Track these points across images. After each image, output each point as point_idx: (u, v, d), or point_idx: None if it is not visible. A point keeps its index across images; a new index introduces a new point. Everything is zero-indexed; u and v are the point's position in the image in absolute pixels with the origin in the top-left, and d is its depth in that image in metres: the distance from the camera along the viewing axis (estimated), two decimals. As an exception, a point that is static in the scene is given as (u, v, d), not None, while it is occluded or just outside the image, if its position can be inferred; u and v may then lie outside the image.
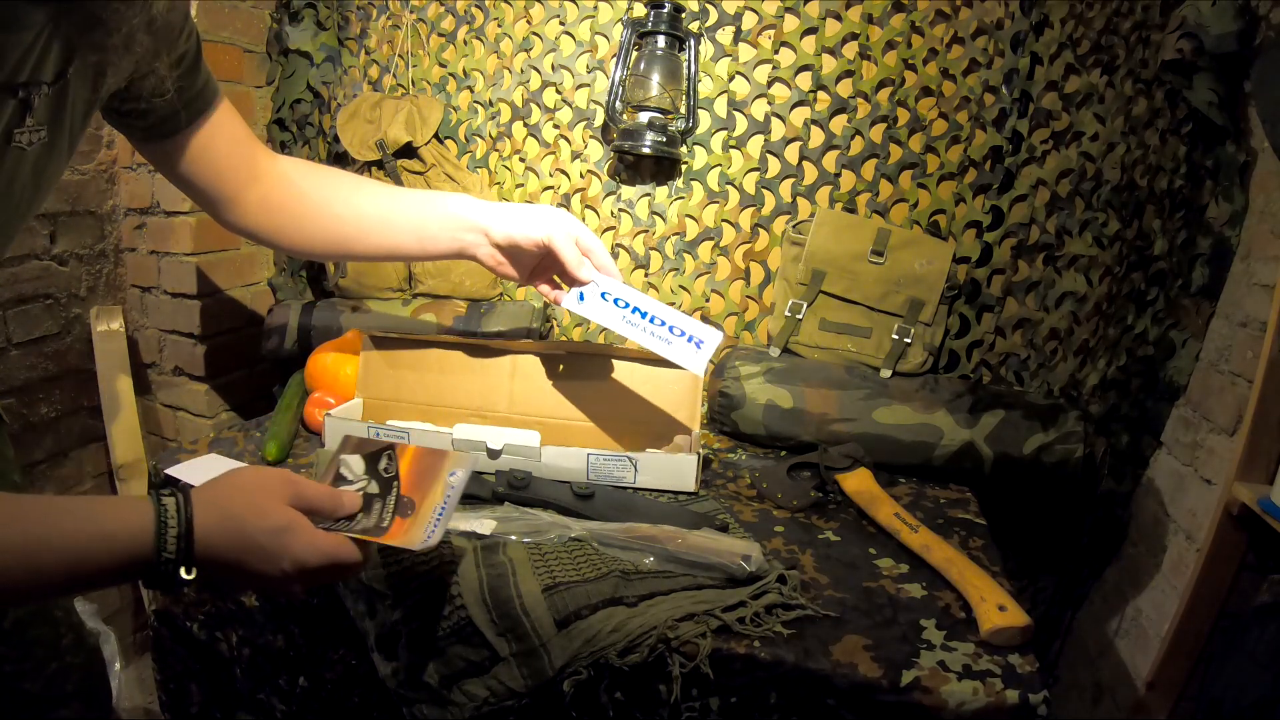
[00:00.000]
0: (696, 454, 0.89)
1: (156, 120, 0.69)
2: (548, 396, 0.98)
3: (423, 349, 1.00)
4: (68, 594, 0.51)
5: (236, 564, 0.53)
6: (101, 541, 0.49)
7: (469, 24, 1.26)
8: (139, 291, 1.35)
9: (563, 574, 0.69)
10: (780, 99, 1.16)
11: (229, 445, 0.97)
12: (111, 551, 0.50)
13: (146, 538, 0.50)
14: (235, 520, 0.53)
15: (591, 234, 0.83)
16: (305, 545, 0.54)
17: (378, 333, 1.02)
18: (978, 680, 0.60)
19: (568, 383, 0.98)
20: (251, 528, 0.53)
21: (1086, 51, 1.05)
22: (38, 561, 0.47)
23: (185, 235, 1.27)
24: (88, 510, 0.51)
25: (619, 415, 0.97)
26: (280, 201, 0.79)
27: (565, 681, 0.64)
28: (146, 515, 0.50)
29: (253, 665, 0.83)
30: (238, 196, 0.77)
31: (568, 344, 1.07)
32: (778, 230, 1.20)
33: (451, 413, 0.98)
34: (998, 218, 1.12)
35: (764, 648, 0.63)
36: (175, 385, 1.37)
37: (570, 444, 0.90)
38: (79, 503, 0.54)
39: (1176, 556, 0.99)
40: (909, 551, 0.79)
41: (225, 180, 0.76)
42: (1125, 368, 1.07)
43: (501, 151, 1.30)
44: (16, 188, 0.57)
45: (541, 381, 0.98)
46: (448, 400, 0.99)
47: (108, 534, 0.50)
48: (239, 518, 0.53)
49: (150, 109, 0.67)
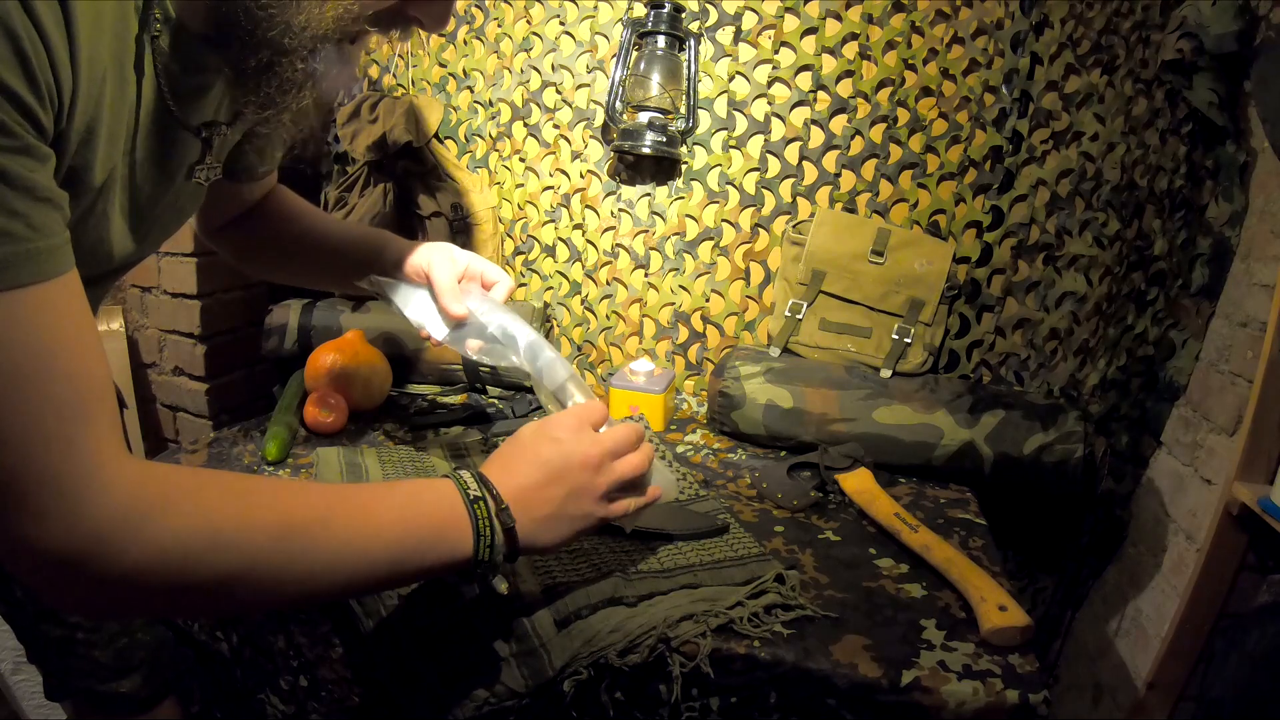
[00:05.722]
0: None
1: (235, 169, 0.72)
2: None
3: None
4: (393, 584, 0.55)
5: (554, 496, 0.57)
6: (420, 518, 0.52)
7: (469, 24, 1.26)
8: (139, 291, 1.35)
9: (562, 574, 0.69)
10: (780, 99, 1.16)
11: (229, 445, 0.97)
12: (437, 540, 0.53)
13: (459, 509, 0.53)
14: (524, 460, 0.57)
15: (487, 265, 0.78)
16: (590, 438, 0.59)
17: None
18: (978, 680, 0.60)
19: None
20: (534, 455, 0.58)
21: (1086, 51, 1.05)
22: (366, 546, 0.50)
23: (185, 235, 1.27)
24: (402, 492, 0.54)
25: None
26: (256, 233, 0.82)
27: (565, 681, 0.64)
28: (449, 486, 0.55)
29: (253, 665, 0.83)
30: (229, 220, 0.81)
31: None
32: (778, 230, 1.20)
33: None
34: (998, 218, 1.12)
35: (764, 648, 0.63)
36: (175, 385, 1.37)
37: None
38: (388, 487, 0.56)
39: (1176, 556, 0.99)
40: (909, 551, 0.79)
41: (236, 208, 0.80)
42: (1125, 368, 1.07)
43: (501, 151, 1.30)
44: (173, 212, 0.59)
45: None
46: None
47: (424, 511, 0.53)
48: (526, 459, 0.57)
49: (240, 159, 0.70)
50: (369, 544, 0.50)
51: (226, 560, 0.44)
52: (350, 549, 0.49)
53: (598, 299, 1.30)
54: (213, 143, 0.57)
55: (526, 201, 1.30)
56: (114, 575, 0.41)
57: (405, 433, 1.05)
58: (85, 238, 0.49)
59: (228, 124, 0.57)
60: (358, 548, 0.49)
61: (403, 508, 0.52)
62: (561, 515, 0.57)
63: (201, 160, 0.57)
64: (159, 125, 0.51)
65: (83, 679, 0.81)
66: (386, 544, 0.50)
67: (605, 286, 1.29)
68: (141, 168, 0.51)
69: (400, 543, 0.51)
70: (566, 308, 1.32)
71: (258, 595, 0.46)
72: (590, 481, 0.58)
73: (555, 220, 1.29)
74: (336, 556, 0.49)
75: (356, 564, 0.49)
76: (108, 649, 0.80)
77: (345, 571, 0.49)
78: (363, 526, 0.50)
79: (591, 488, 0.58)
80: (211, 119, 0.55)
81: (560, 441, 0.58)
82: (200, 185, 0.58)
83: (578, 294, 1.31)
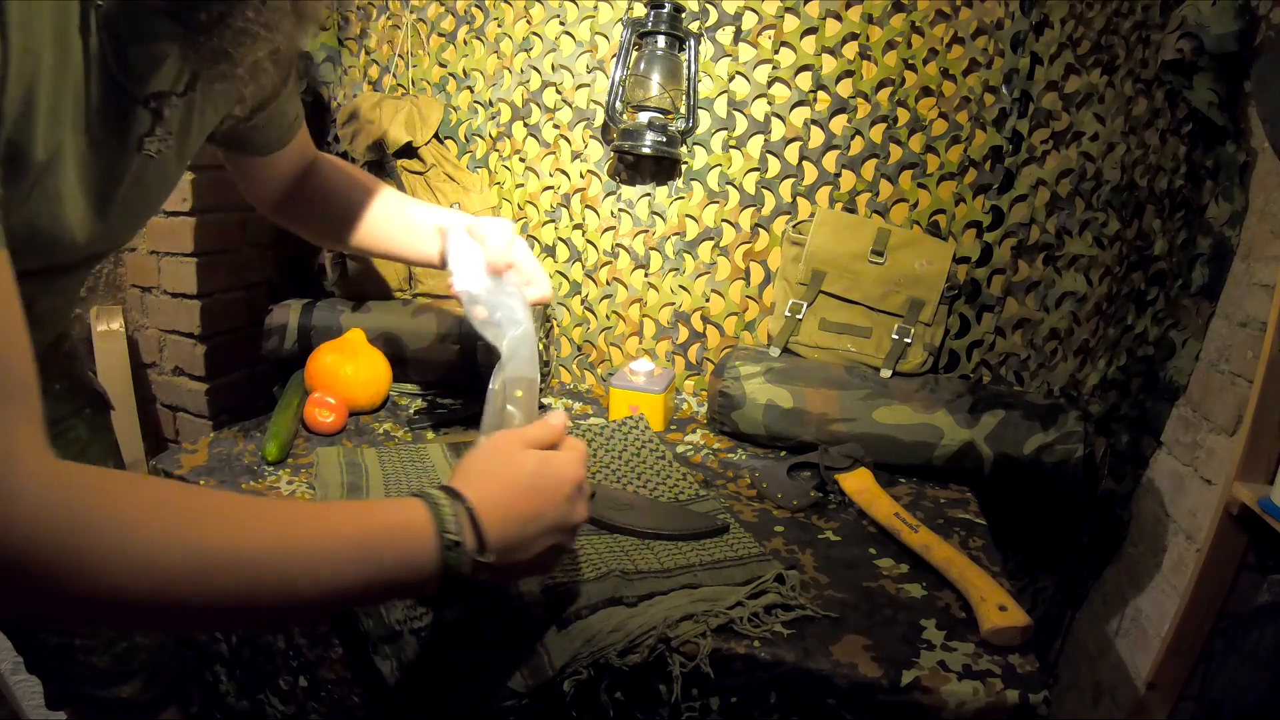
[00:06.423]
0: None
1: (257, 144, 0.76)
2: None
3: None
4: (360, 602, 0.48)
5: (529, 510, 0.52)
6: (386, 534, 0.46)
7: (469, 24, 1.26)
8: (139, 291, 1.35)
9: (562, 574, 0.69)
10: (780, 99, 1.16)
11: (229, 445, 0.97)
12: (397, 543, 0.46)
13: (426, 524, 0.47)
14: (498, 478, 0.52)
15: (535, 265, 0.81)
16: (564, 460, 0.55)
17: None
18: (978, 680, 0.60)
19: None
20: (516, 472, 0.52)
21: (1086, 51, 1.05)
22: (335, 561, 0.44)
23: (185, 235, 1.27)
24: (365, 510, 0.48)
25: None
26: (310, 198, 0.85)
27: (565, 681, 0.64)
28: (418, 505, 0.48)
29: (253, 665, 0.83)
30: (281, 194, 0.84)
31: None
32: (778, 230, 1.20)
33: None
34: (998, 218, 1.12)
35: (764, 648, 0.63)
36: (175, 385, 1.37)
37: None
38: (351, 506, 0.49)
39: (1176, 556, 0.99)
40: (909, 551, 0.79)
41: (280, 182, 0.83)
42: (1125, 368, 1.07)
43: (501, 151, 1.30)
44: (139, 191, 0.58)
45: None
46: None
47: (390, 525, 0.47)
48: (499, 474, 0.52)
49: (255, 136, 0.73)
50: (317, 543, 0.44)
51: (137, 572, 0.38)
52: (295, 551, 0.43)
53: (598, 299, 1.30)
54: (162, 113, 0.55)
55: (526, 201, 1.30)
56: (27, 577, 0.36)
57: (405, 433, 1.05)
58: (39, 220, 0.48)
59: (180, 94, 0.56)
60: (303, 550, 0.43)
61: (360, 511, 0.48)
62: (533, 537, 0.53)
63: (151, 132, 0.55)
64: (110, 97, 0.50)
65: (82, 686, 0.80)
66: (337, 543, 0.45)
67: (605, 286, 1.29)
68: (96, 142, 0.50)
69: (356, 542, 0.45)
70: (566, 308, 1.32)
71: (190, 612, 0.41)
72: (569, 511, 0.55)
73: (555, 220, 1.29)
74: (275, 559, 0.42)
75: (301, 566, 0.43)
76: (106, 655, 0.80)
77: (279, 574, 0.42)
78: (312, 527, 0.45)
79: (567, 516, 0.55)
80: (160, 90, 0.54)
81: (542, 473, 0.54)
82: (152, 158, 0.57)
83: (578, 294, 1.31)
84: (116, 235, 0.60)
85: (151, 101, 0.54)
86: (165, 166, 0.60)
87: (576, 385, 1.34)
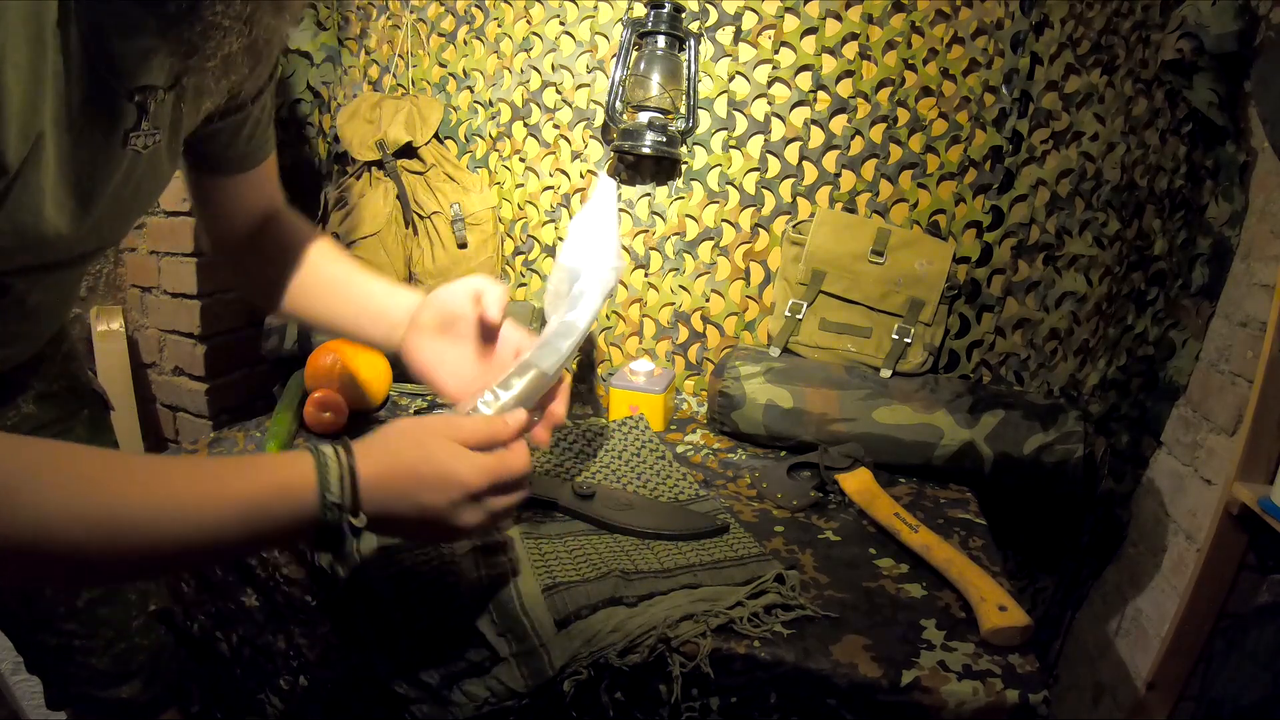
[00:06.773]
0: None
1: (223, 157, 0.69)
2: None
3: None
4: (242, 553, 0.52)
5: (407, 497, 0.53)
6: (271, 491, 0.49)
7: (469, 24, 1.26)
8: (139, 291, 1.36)
9: (562, 574, 0.69)
10: (780, 99, 1.16)
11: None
12: (282, 500, 0.49)
13: (310, 483, 0.50)
14: (394, 455, 0.53)
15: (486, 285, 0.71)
16: (469, 465, 0.54)
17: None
18: (978, 680, 0.60)
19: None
20: (412, 457, 0.53)
21: (1086, 51, 1.05)
22: (216, 518, 0.47)
23: (185, 235, 1.27)
24: (252, 465, 0.51)
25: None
26: (265, 249, 0.77)
27: (565, 681, 0.64)
28: (307, 462, 0.50)
29: (253, 665, 0.83)
30: (242, 234, 0.76)
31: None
32: (778, 230, 1.20)
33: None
34: (998, 218, 1.12)
35: (764, 648, 0.63)
36: (175, 385, 1.37)
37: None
38: (242, 460, 0.52)
39: (1176, 556, 0.99)
40: (909, 551, 0.79)
41: (243, 218, 0.75)
42: (1125, 368, 1.07)
43: (501, 151, 1.30)
44: (129, 188, 0.58)
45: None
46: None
47: (277, 484, 0.49)
48: (397, 452, 0.53)
49: (223, 143, 0.68)
50: (209, 500, 0.47)
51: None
52: (187, 509, 0.46)
53: (598, 299, 1.30)
54: (148, 108, 0.54)
55: (526, 201, 1.30)
56: None
57: (405, 433, 1.04)
58: (20, 214, 0.48)
59: (167, 89, 0.55)
60: (192, 508, 0.46)
61: (251, 468, 0.50)
62: (419, 503, 0.54)
63: (137, 127, 0.54)
64: (94, 92, 0.49)
65: (82, 686, 0.80)
66: (228, 501, 0.47)
67: (605, 286, 1.29)
68: (79, 137, 0.50)
69: (247, 499, 0.48)
70: (566, 308, 1.32)
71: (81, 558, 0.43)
72: (451, 513, 0.54)
73: (555, 220, 1.29)
74: (170, 518, 0.45)
75: (195, 524, 0.46)
76: (105, 655, 0.79)
77: (175, 533, 0.45)
78: (208, 485, 0.47)
79: (450, 516, 0.55)
80: (145, 84, 0.53)
81: (448, 459, 0.54)
82: (139, 154, 0.56)
83: (578, 294, 1.30)
84: (106, 232, 0.59)
85: (136, 96, 0.53)
86: (155, 163, 0.59)
87: (576, 385, 1.34)
